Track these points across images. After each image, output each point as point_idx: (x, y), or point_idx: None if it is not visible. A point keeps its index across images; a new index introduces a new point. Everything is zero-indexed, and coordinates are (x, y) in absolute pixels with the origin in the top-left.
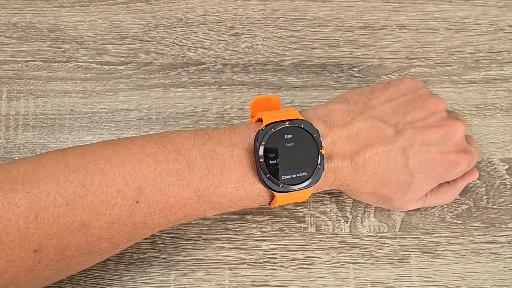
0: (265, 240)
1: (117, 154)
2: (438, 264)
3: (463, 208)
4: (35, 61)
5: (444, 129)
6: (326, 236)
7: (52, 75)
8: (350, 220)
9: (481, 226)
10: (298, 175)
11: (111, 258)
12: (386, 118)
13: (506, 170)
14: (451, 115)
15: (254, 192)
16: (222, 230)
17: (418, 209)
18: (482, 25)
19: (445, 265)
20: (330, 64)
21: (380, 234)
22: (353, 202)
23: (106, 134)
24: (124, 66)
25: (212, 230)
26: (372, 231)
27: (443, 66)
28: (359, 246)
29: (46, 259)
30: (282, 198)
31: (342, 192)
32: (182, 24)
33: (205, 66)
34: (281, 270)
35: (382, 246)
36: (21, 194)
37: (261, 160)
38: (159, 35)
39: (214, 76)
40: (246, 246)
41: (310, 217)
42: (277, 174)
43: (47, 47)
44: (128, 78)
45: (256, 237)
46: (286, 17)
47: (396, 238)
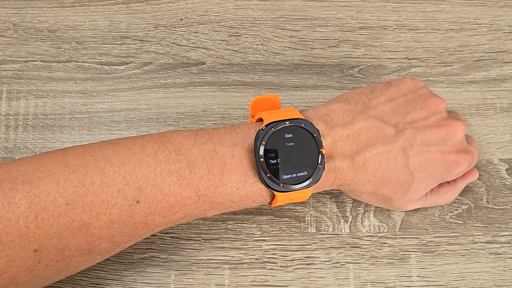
0: (265, 240)
1: (117, 154)
2: (438, 264)
3: (463, 208)
4: (35, 61)
5: (444, 129)
6: (326, 236)
7: (52, 75)
8: (350, 220)
9: (481, 226)
10: (298, 175)
11: (111, 258)
12: (386, 118)
13: (506, 170)
14: (452, 115)
15: (254, 191)
16: (222, 230)
17: (418, 209)
18: (482, 25)
19: (445, 265)
20: (330, 64)
21: (380, 234)
22: (353, 202)
23: (106, 134)
24: (124, 66)
25: (212, 230)
26: (372, 231)
27: (443, 66)
28: (359, 246)
29: (46, 259)
30: (283, 198)
31: (342, 192)
32: (182, 24)
33: (205, 66)
34: (281, 270)
35: (382, 246)
36: (21, 194)
37: (261, 159)
38: (159, 35)
39: (214, 76)
40: (246, 246)
41: (310, 217)
42: (277, 174)
43: (47, 47)
44: (128, 78)
45: (256, 237)
46: (286, 17)
47: (396, 238)
